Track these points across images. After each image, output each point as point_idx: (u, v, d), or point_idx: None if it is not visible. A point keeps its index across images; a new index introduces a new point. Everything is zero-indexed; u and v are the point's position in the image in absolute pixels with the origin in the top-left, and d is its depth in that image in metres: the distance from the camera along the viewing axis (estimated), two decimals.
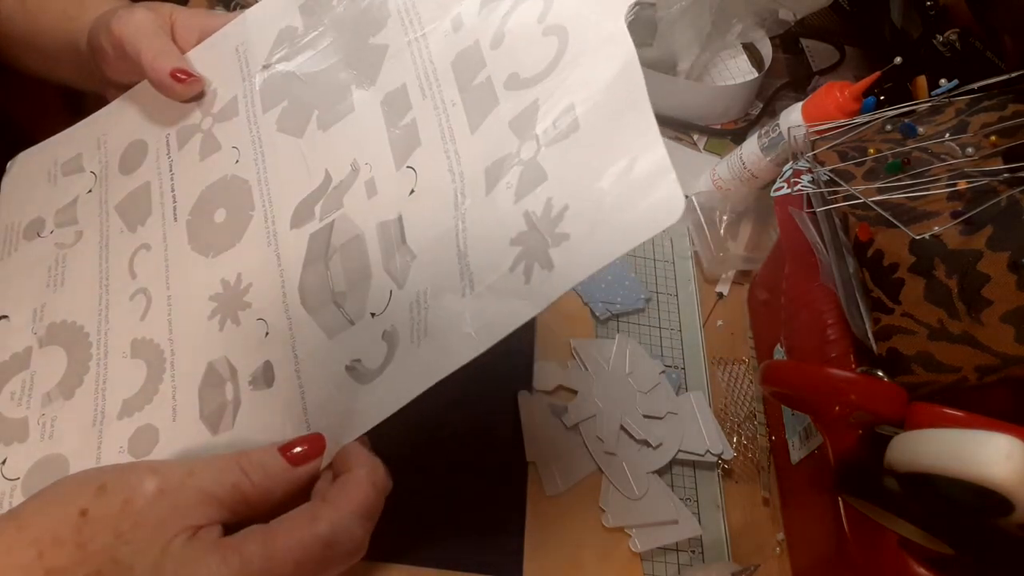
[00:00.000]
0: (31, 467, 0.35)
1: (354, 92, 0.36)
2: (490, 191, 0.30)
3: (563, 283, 0.27)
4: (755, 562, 0.43)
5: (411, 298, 0.31)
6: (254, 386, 0.34)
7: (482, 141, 0.31)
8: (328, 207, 0.35)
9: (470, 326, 0.29)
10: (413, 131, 0.33)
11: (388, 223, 0.33)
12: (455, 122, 0.32)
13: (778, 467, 0.47)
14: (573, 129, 0.29)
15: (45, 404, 0.37)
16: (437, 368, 0.29)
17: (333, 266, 0.33)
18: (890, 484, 0.32)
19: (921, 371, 0.35)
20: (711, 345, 0.52)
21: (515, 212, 0.29)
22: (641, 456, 0.45)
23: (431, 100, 0.33)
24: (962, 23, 0.54)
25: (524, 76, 0.31)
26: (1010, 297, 0.33)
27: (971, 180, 0.36)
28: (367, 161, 0.34)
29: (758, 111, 0.66)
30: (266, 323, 0.34)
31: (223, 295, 0.36)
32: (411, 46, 0.35)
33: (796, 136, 0.45)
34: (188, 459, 0.30)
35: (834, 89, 0.50)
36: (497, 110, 0.31)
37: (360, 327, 0.32)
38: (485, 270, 0.29)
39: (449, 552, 0.40)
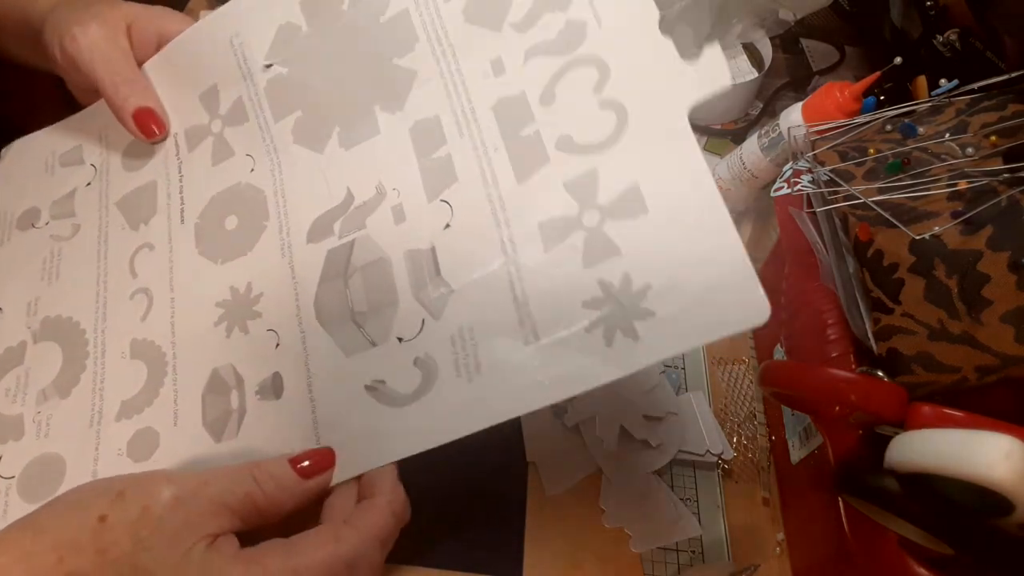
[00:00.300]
0: (27, 465, 0.35)
1: (378, 114, 0.36)
2: (550, 249, 0.30)
3: (651, 355, 0.28)
4: (755, 562, 0.43)
5: (451, 331, 0.31)
6: (261, 396, 0.34)
7: (532, 194, 0.32)
8: (349, 226, 0.35)
9: (541, 375, 0.29)
10: (448, 166, 0.34)
11: (419, 252, 0.33)
12: (498, 168, 0.33)
13: (778, 467, 0.47)
14: (642, 211, 0.30)
15: (40, 402, 0.37)
16: (502, 408, 0.30)
17: (353, 285, 0.34)
18: (890, 484, 0.32)
19: (921, 371, 0.35)
20: (711, 345, 0.52)
21: (587, 277, 0.29)
22: (641, 456, 0.45)
23: (469, 139, 0.34)
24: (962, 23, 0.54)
25: (579, 142, 0.32)
26: (1010, 297, 0.33)
27: (971, 180, 0.36)
28: (395, 187, 0.34)
29: (758, 111, 0.66)
30: (277, 334, 0.34)
31: (231, 302, 0.36)
32: (444, 78, 0.35)
33: (796, 136, 0.45)
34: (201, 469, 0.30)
35: (834, 89, 0.50)
36: (548, 167, 0.32)
37: (384, 350, 0.32)
38: (552, 324, 0.30)
39: (449, 552, 0.40)
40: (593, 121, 0.32)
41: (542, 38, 0.34)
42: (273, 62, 0.38)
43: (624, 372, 0.28)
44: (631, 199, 0.30)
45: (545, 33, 0.34)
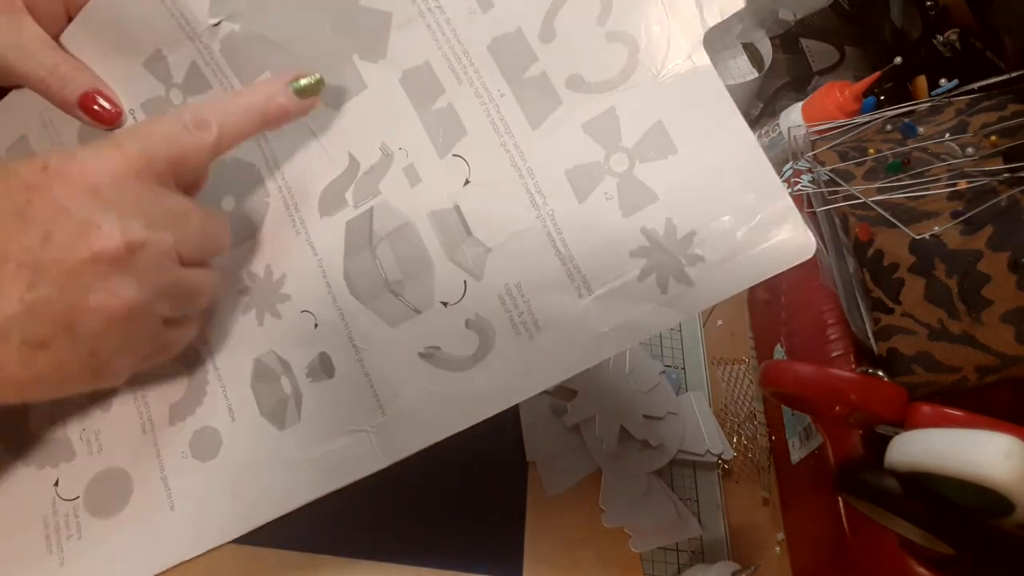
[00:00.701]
0: (89, 483, 0.35)
1: (359, 64, 0.33)
2: (584, 199, 0.29)
3: (707, 299, 0.28)
4: (755, 562, 0.43)
5: (497, 290, 0.30)
6: (313, 378, 0.33)
7: (551, 140, 0.30)
8: (362, 193, 0.33)
9: (602, 326, 0.29)
10: (453, 117, 0.32)
11: (443, 212, 0.31)
12: (508, 114, 0.31)
13: (778, 467, 0.47)
14: (670, 150, 0.29)
15: (82, 419, 0.35)
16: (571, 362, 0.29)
17: (382, 254, 0.32)
18: (890, 484, 0.32)
19: (921, 371, 0.35)
20: (711, 345, 0.52)
21: (628, 226, 0.29)
22: (641, 456, 0.45)
23: (470, 86, 0.31)
24: (962, 23, 0.54)
25: (590, 80, 0.30)
26: (1010, 297, 0.33)
27: (971, 180, 0.36)
28: (400, 146, 0.32)
29: (758, 111, 0.66)
30: (313, 315, 0.33)
31: (253, 288, 0.34)
32: (425, 17, 0.32)
33: (796, 136, 0.45)
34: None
35: (834, 89, 0.50)
36: (562, 110, 0.30)
37: (429, 315, 0.31)
38: (602, 275, 0.29)
39: (449, 552, 0.40)
40: (601, 56, 0.30)
41: None
42: (220, 18, 0.34)
43: (684, 316, 0.28)
44: (657, 138, 0.29)
45: None
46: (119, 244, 0.26)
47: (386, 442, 0.32)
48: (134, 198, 0.28)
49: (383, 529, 0.40)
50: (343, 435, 0.32)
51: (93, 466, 0.35)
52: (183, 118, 0.29)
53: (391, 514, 0.40)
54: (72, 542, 0.34)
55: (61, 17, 0.35)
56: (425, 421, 0.31)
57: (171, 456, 0.34)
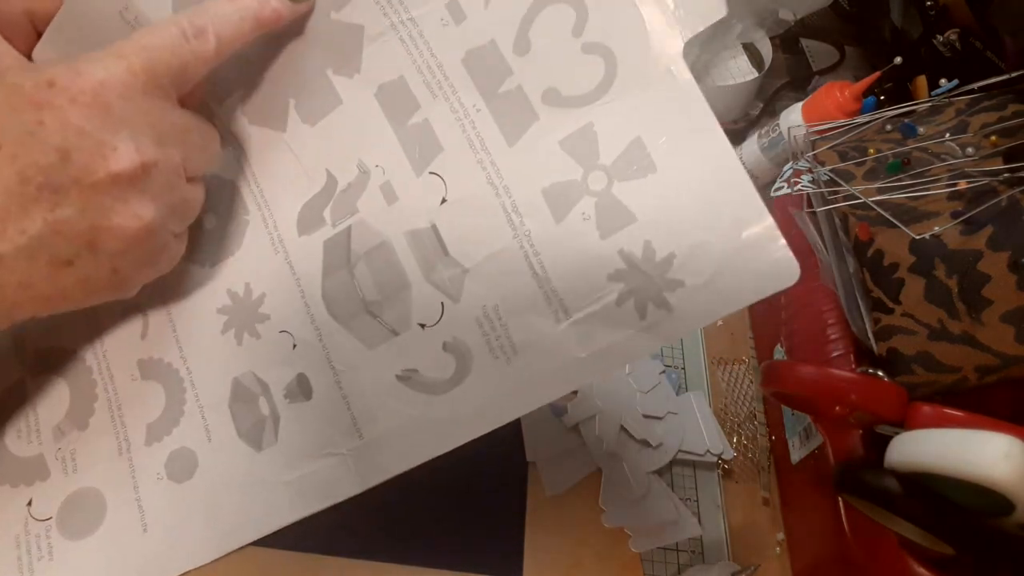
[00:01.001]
0: (62, 504, 0.34)
1: (333, 79, 0.33)
2: (561, 219, 0.29)
3: (686, 326, 0.27)
4: (755, 562, 0.43)
5: (475, 312, 0.30)
6: (290, 399, 0.33)
7: (528, 157, 0.30)
8: (340, 212, 0.33)
9: (580, 351, 0.28)
10: (429, 133, 0.31)
11: (420, 232, 0.31)
12: (484, 130, 0.30)
13: (778, 467, 0.47)
14: (650, 169, 0.28)
15: (58, 438, 0.35)
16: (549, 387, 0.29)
17: (360, 274, 0.32)
18: (890, 484, 0.32)
19: (921, 371, 0.35)
20: (711, 345, 0.52)
21: (606, 249, 0.28)
22: (641, 456, 0.45)
23: (445, 101, 0.31)
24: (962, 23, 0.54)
25: (567, 94, 0.29)
26: (1010, 297, 0.33)
27: (971, 180, 0.36)
28: (377, 163, 0.32)
29: (758, 111, 0.66)
30: (291, 335, 0.33)
31: (233, 307, 0.34)
32: (397, 30, 0.31)
33: (796, 136, 0.45)
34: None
35: (834, 89, 0.50)
36: (538, 125, 0.30)
37: (407, 338, 0.31)
38: (580, 299, 0.28)
39: (449, 552, 0.40)
40: (578, 69, 0.29)
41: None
42: None
43: (664, 342, 0.27)
44: (636, 156, 0.28)
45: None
46: (136, 164, 0.27)
47: (363, 466, 0.32)
48: (144, 114, 0.28)
49: (383, 529, 0.40)
50: (320, 458, 0.32)
51: (67, 486, 0.34)
52: (181, 26, 0.29)
53: (391, 514, 0.40)
54: (43, 563, 0.34)
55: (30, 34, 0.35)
56: (402, 445, 0.31)
57: (146, 477, 0.34)
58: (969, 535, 0.30)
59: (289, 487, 0.32)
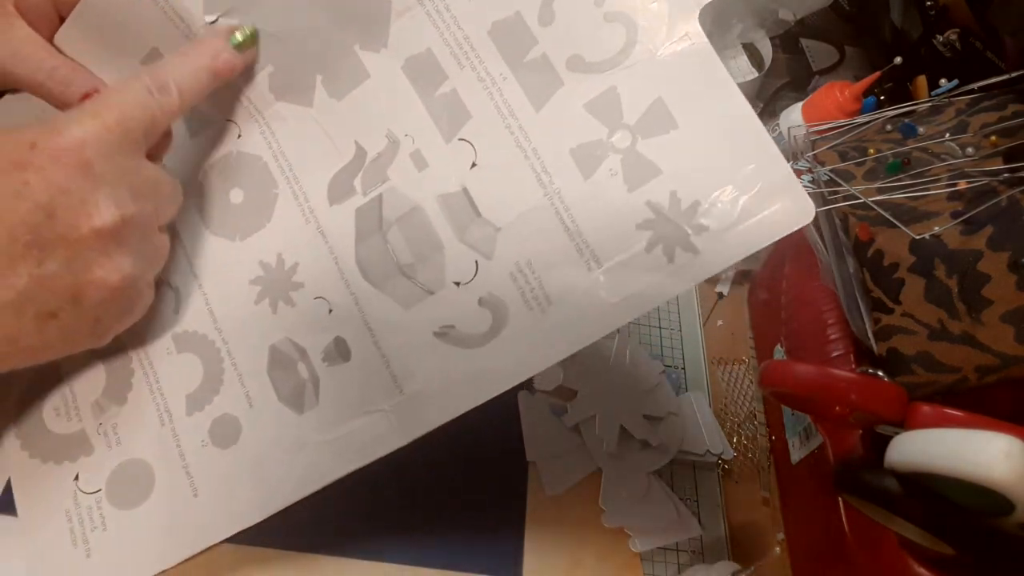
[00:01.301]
0: (110, 476, 0.35)
1: (360, 54, 0.34)
2: (589, 176, 0.30)
3: (712, 266, 0.29)
4: (755, 562, 0.43)
5: (508, 268, 0.31)
6: (329, 362, 0.34)
7: (554, 121, 0.31)
8: (370, 181, 0.34)
9: (612, 296, 0.30)
10: (457, 102, 0.32)
11: (452, 195, 0.32)
12: (511, 97, 0.32)
13: (778, 467, 0.47)
14: (672, 125, 0.30)
15: (97, 413, 0.36)
16: (582, 334, 0.30)
17: (393, 239, 0.33)
18: (890, 484, 0.32)
19: (921, 371, 0.35)
20: (711, 345, 0.52)
21: (634, 200, 0.30)
22: (641, 456, 0.45)
23: (472, 71, 0.32)
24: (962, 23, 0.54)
25: (590, 60, 0.31)
26: (1010, 297, 0.33)
27: (971, 180, 0.36)
28: (406, 132, 0.33)
29: (758, 111, 0.66)
30: (327, 301, 0.34)
31: (266, 278, 0.35)
32: (424, 5, 0.33)
33: (796, 136, 0.45)
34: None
35: (834, 89, 0.50)
36: (563, 91, 0.31)
37: (443, 296, 0.32)
38: (610, 248, 0.30)
39: (449, 552, 0.40)
40: (600, 36, 0.31)
41: None
42: (216, 15, 0.34)
43: (691, 283, 0.29)
44: (658, 114, 0.30)
45: None
46: (116, 219, 0.28)
47: (405, 420, 0.32)
48: (120, 170, 0.29)
49: (383, 529, 0.40)
50: (362, 416, 0.33)
51: (113, 459, 0.35)
52: (145, 82, 0.30)
53: (391, 514, 0.40)
54: (97, 534, 0.35)
55: (53, 18, 0.35)
56: (442, 397, 0.32)
57: (191, 445, 0.34)
58: (969, 535, 0.30)
59: (332, 445, 0.33)
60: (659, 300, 0.30)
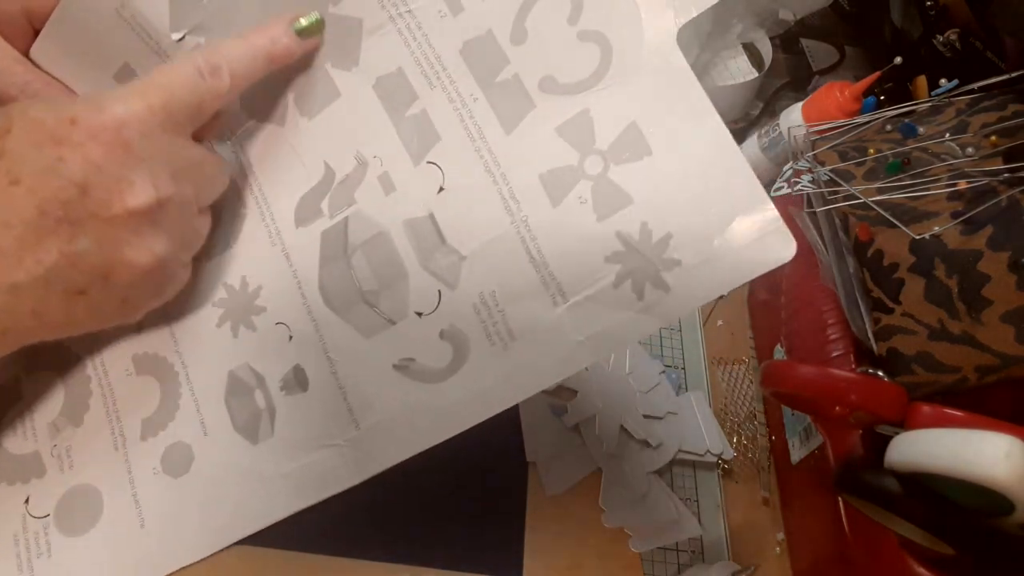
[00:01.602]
0: (59, 501, 0.34)
1: (332, 72, 0.33)
2: (558, 203, 0.29)
3: (685, 305, 0.27)
4: (755, 562, 0.43)
5: (472, 299, 0.30)
6: (287, 391, 0.33)
7: (524, 144, 0.30)
8: (337, 203, 0.33)
9: (578, 334, 0.28)
10: (426, 123, 0.31)
11: (418, 221, 0.31)
12: (481, 119, 0.31)
13: (778, 467, 0.48)
14: (645, 152, 0.28)
15: (53, 435, 0.35)
16: (546, 373, 0.29)
17: (357, 264, 0.32)
18: (890, 484, 0.32)
19: (921, 371, 0.35)
20: (711, 345, 0.52)
21: (603, 230, 0.28)
22: (641, 456, 0.45)
23: (442, 91, 0.31)
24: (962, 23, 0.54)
25: (563, 82, 0.30)
26: (1010, 297, 0.33)
27: (971, 180, 0.36)
28: (375, 154, 0.32)
29: (758, 111, 0.66)
30: (288, 327, 0.33)
31: (228, 300, 0.34)
32: (395, 22, 0.32)
33: (796, 136, 0.45)
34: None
35: (834, 89, 0.50)
36: (535, 113, 0.30)
37: (404, 327, 0.31)
38: (577, 282, 0.28)
39: (449, 552, 0.40)
40: (574, 57, 0.29)
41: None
42: (183, 32, 0.33)
43: (662, 323, 0.28)
44: (631, 139, 0.28)
45: None
46: (152, 200, 0.28)
47: (360, 456, 0.32)
48: (161, 151, 0.29)
49: (383, 529, 0.40)
50: (317, 449, 0.32)
51: (64, 483, 0.35)
52: (197, 63, 0.30)
53: (391, 514, 0.40)
54: (42, 560, 0.34)
55: (27, 31, 0.35)
56: (400, 434, 0.31)
57: (142, 472, 0.34)
58: (969, 535, 0.30)
59: (286, 479, 0.33)
60: (628, 340, 0.28)
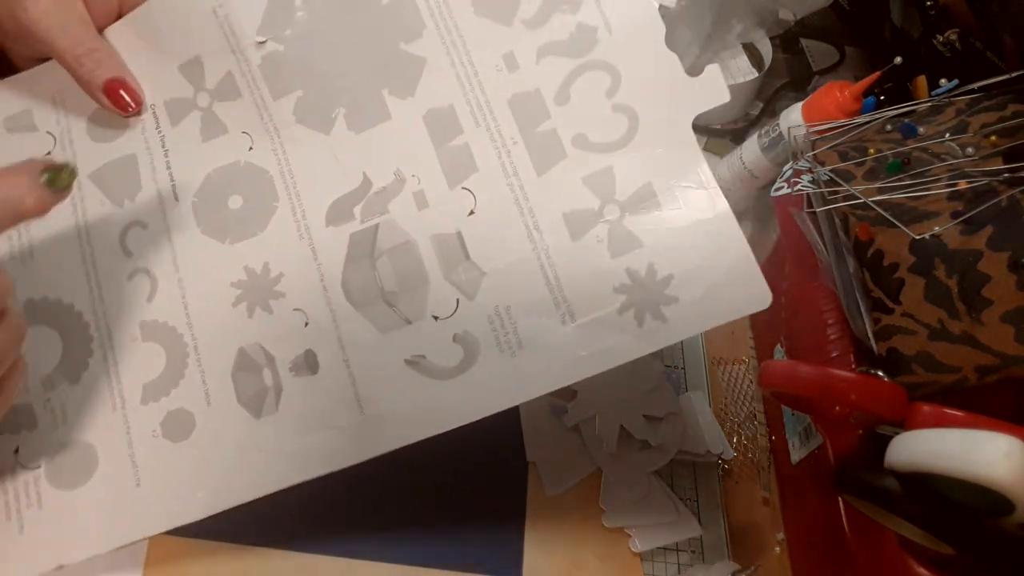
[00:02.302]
0: (51, 453, 0.35)
1: (387, 98, 0.36)
2: (577, 239, 0.34)
3: (676, 335, 0.32)
4: (755, 562, 0.43)
5: (487, 311, 0.33)
6: (296, 372, 0.34)
7: (553, 187, 0.34)
8: (370, 211, 0.35)
9: (582, 349, 0.32)
10: (467, 155, 0.35)
11: (445, 236, 0.34)
12: (517, 160, 0.35)
13: (778, 467, 0.48)
14: (655, 207, 0.33)
15: (48, 388, 0.35)
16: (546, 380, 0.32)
17: (382, 267, 0.35)
18: (890, 484, 0.32)
19: (921, 371, 0.35)
20: (711, 345, 0.52)
21: (615, 266, 0.33)
22: (641, 456, 0.45)
23: (486, 131, 0.35)
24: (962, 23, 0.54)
25: (594, 141, 0.34)
26: (1010, 297, 0.33)
27: (971, 180, 0.36)
28: (414, 173, 0.35)
29: (758, 111, 0.66)
30: (305, 314, 0.35)
31: (248, 283, 0.35)
32: (455, 68, 0.36)
33: (796, 136, 0.45)
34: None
35: (834, 89, 0.50)
36: (566, 163, 0.34)
37: (419, 326, 0.34)
38: (586, 306, 0.33)
39: (449, 552, 0.40)
40: (606, 123, 0.34)
41: (554, 38, 0.35)
42: (267, 38, 0.36)
43: (655, 348, 0.32)
44: (646, 196, 0.33)
45: (557, 34, 0.35)
46: None
47: (361, 440, 0.33)
48: None
49: (383, 529, 0.40)
50: (319, 431, 0.34)
51: (57, 437, 0.35)
52: None
53: (391, 514, 0.40)
54: (32, 511, 0.34)
55: (112, 13, 0.37)
56: (401, 423, 0.33)
57: (141, 434, 0.35)
58: (969, 535, 0.30)
59: (285, 455, 0.34)
60: (625, 359, 0.32)
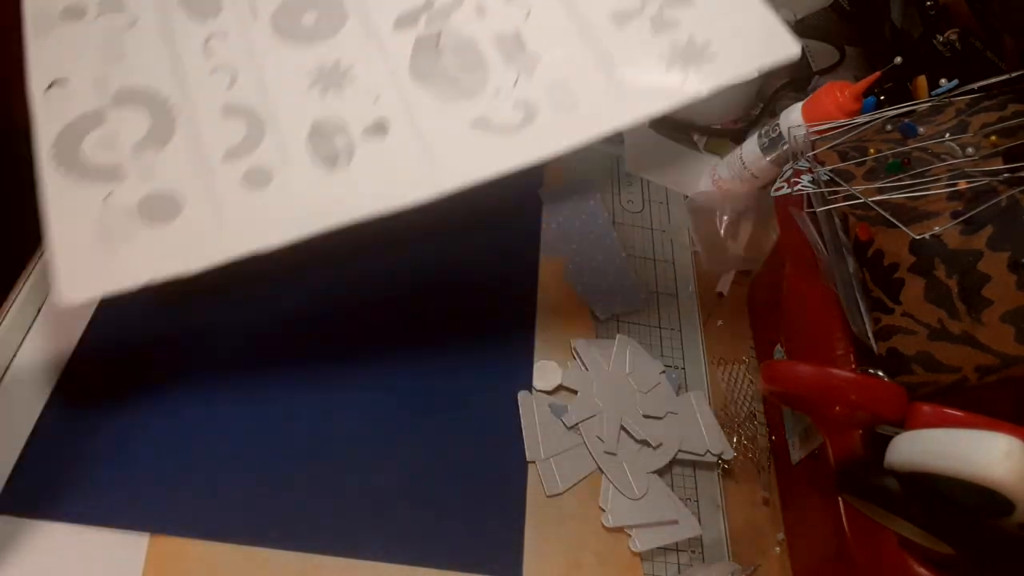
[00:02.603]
0: (141, 200, 0.36)
1: None
2: (621, 29, 0.39)
3: (720, 77, 0.36)
4: (755, 562, 0.43)
5: (546, 83, 0.38)
6: (367, 136, 0.38)
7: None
8: (434, 21, 0.40)
9: (623, 96, 0.37)
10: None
11: (504, 35, 0.39)
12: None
13: (778, 467, 0.48)
14: (690, 5, 0.38)
15: (137, 152, 0.37)
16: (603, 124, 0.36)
17: (444, 56, 0.39)
18: (890, 484, 0.32)
19: (921, 371, 0.35)
20: (711, 345, 0.52)
21: (659, 40, 0.38)
22: (641, 456, 0.45)
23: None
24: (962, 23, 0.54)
25: None
26: (1010, 297, 0.33)
27: (971, 180, 0.36)
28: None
29: (758, 111, 0.66)
30: (375, 92, 0.38)
31: (319, 72, 0.39)
32: None
33: (796, 136, 0.45)
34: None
35: (834, 89, 0.50)
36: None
37: (481, 98, 0.38)
38: (629, 61, 0.37)
39: (449, 552, 0.40)
40: None
41: None
42: None
43: (711, 85, 0.36)
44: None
45: None
46: None
47: (430, 180, 0.36)
48: None
49: (383, 529, 0.40)
50: (388, 183, 0.37)
51: (145, 187, 0.37)
52: None
53: (391, 514, 0.40)
54: (127, 245, 0.36)
55: None
56: (466, 166, 0.36)
57: (223, 184, 0.37)
58: (969, 535, 0.30)
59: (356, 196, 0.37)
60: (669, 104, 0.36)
